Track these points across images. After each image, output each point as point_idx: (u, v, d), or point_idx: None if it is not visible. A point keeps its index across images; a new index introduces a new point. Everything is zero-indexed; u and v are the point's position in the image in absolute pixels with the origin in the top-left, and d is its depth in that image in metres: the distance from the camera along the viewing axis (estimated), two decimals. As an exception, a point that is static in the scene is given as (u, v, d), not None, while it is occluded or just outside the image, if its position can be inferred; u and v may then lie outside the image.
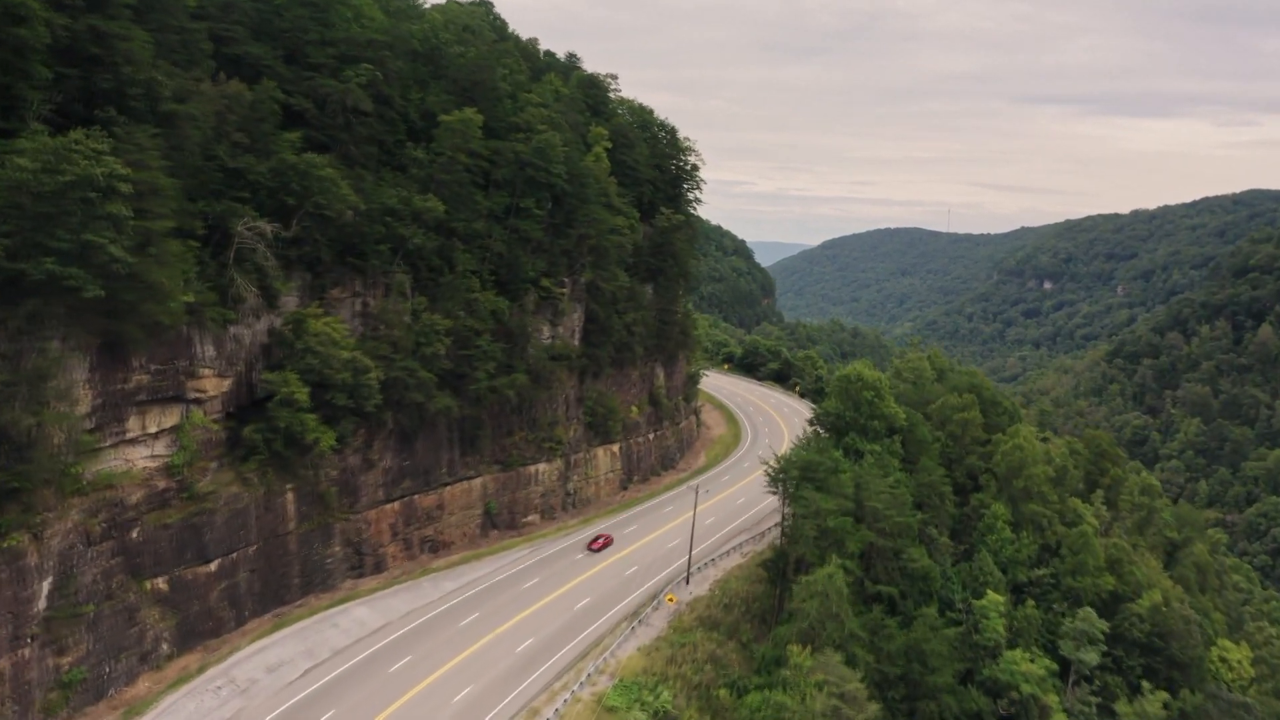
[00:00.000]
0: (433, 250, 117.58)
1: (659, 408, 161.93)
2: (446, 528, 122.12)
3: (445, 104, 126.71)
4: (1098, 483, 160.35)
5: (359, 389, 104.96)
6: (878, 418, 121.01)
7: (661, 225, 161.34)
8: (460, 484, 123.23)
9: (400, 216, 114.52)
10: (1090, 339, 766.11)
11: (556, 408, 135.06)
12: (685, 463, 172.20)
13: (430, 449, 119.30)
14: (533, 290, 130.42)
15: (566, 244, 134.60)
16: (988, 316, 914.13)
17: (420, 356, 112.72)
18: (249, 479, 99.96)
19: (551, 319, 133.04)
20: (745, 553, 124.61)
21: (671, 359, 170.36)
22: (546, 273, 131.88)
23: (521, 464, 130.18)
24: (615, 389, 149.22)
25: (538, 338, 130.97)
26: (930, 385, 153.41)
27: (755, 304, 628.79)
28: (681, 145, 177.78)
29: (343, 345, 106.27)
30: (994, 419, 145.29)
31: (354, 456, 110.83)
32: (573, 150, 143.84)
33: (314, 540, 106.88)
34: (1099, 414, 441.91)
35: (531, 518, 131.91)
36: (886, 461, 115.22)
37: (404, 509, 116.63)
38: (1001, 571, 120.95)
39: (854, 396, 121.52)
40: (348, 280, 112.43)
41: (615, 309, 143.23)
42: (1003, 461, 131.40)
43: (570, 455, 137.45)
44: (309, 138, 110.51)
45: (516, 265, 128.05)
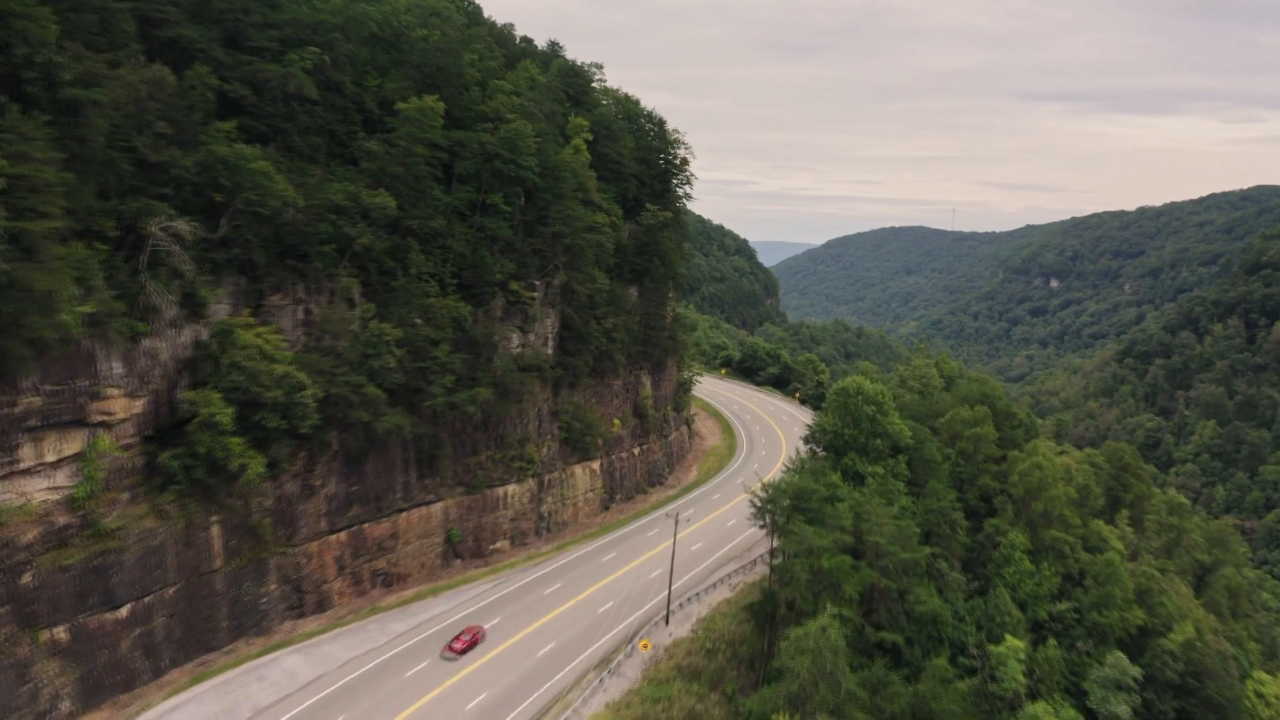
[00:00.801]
0: (384, 251, 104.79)
1: (645, 420, 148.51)
2: (402, 559, 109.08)
3: (406, 92, 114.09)
4: (1120, 499, 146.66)
5: (293, 408, 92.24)
6: (880, 435, 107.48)
7: (647, 223, 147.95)
8: (418, 510, 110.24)
9: (347, 214, 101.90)
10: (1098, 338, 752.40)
11: (528, 423, 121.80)
12: (675, 478, 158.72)
13: (382, 472, 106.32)
14: (500, 294, 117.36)
15: (538, 243, 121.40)
16: (994, 315, 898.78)
17: (368, 370, 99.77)
18: (166, 511, 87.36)
19: (521, 326, 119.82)
20: (734, 585, 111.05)
21: (659, 366, 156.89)
22: (515, 275, 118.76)
23: (488, 486, 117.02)
24: (595, 401, 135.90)
25: (506, 347, 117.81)
26: (938, 395, 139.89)
27: (758, 304, 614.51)
28: (670, 138, 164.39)
29: (278, 359, 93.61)
30: (1008, 432, 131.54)
31: (292, 483, 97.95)
32: (547, 142, 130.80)
33: (245, 578, 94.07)
34: (1110, 416, 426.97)
35: (500, 544, 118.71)
36: (890, 486, 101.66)
37: (352, 540, 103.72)
38: (1020, 609, 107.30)
39: (853, 412, 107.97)
40: (289, 285, 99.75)
41: (593, 314, 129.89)
42: (1020, 482, 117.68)
43: (544, 475, 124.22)
44: (247, 128, 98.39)
45: (482, 267, 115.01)
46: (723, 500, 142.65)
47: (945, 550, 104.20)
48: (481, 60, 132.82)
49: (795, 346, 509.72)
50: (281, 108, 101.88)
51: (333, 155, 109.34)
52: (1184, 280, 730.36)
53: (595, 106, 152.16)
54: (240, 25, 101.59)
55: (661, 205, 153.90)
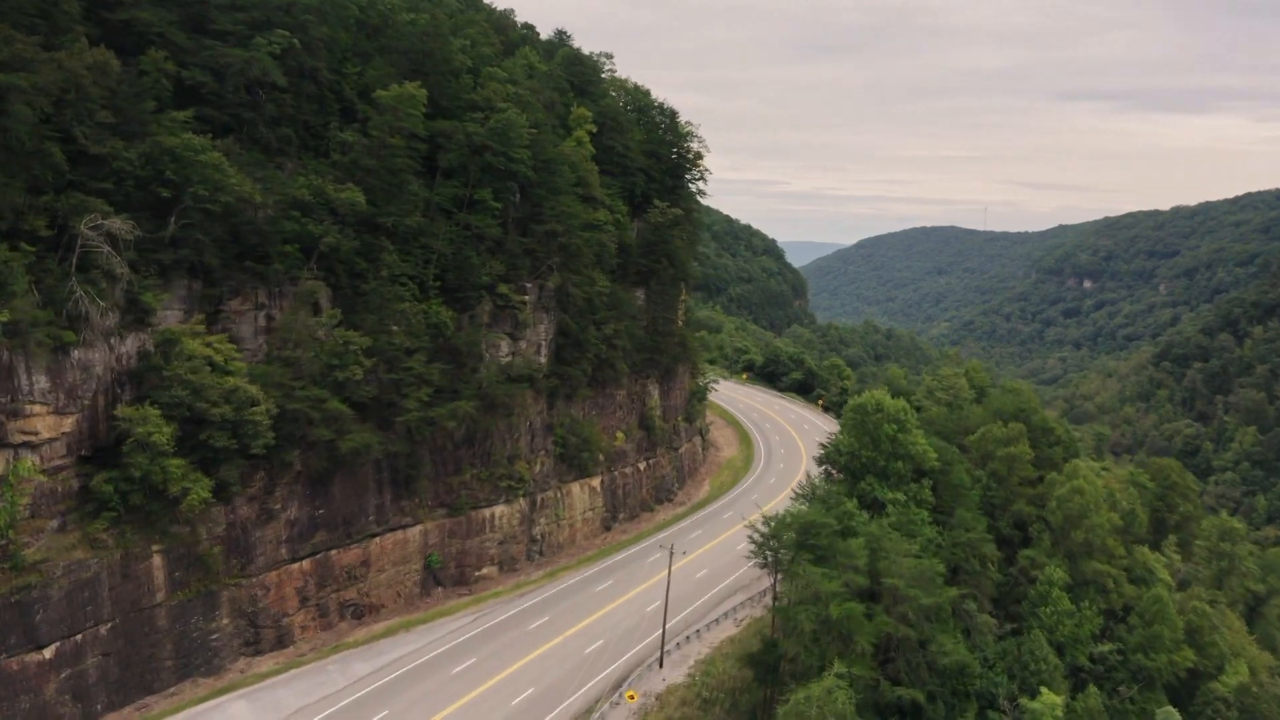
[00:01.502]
0: (354, 252, 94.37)
1: (651, 432, 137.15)
2: (375, 588, 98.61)
3: (389, 79, 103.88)
4: (1165, 521, 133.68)
5: (243, 426, 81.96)
6: (902, 457, 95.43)
7: (655, 220, 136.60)
8: (392, 535, 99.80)
9: (312, 211, 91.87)
10: (1133, 339, 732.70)
11: (518, 438, 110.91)
12: (686, 494, 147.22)
13: (352, 494, 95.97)
14: (487, 298, 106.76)
15: (530, 242, 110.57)
16: (1026, 316, 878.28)
17: (332, 383, 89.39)
18: (100, 540, 77.65)
19: (511, 332, 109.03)
20: (740, 620, 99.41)
21: (669, 374, 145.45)
22: (505, 277, 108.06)
23: (473, 507, 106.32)
24: (595, 413, 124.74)
25: (493, 355, 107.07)
26: (968, 408, 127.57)
27: (786, 305, 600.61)
28: (682, 130, 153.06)
29: (231, 370, 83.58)
30: (1045, 450, 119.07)
31: (247, 507, 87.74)
32: (545, 133, 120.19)
33: (192, 613, 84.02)
34: (1147, 422, 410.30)
35: (486, 571, 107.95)
36: (912, 517, 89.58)
37: (316, 568, 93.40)
38: (1057, 652, 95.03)
39: (872, 431, 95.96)
40: (249, 290, 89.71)
41: (592, 319, 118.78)
42: (1058, 509, 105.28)
43: (536, 494, 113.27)
44: (208, 119, 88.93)
45: (466, 268, 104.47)
46: (734, 520, 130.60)
47: (974, 588, 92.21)
48: (474, 47, 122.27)
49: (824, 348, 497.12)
50: (245, 96, 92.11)
51: (306, 148, 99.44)
52: (1220, 281, 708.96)
53: (602, 97, 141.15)
54: (203, 7, 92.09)
55: (672, 202, 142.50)
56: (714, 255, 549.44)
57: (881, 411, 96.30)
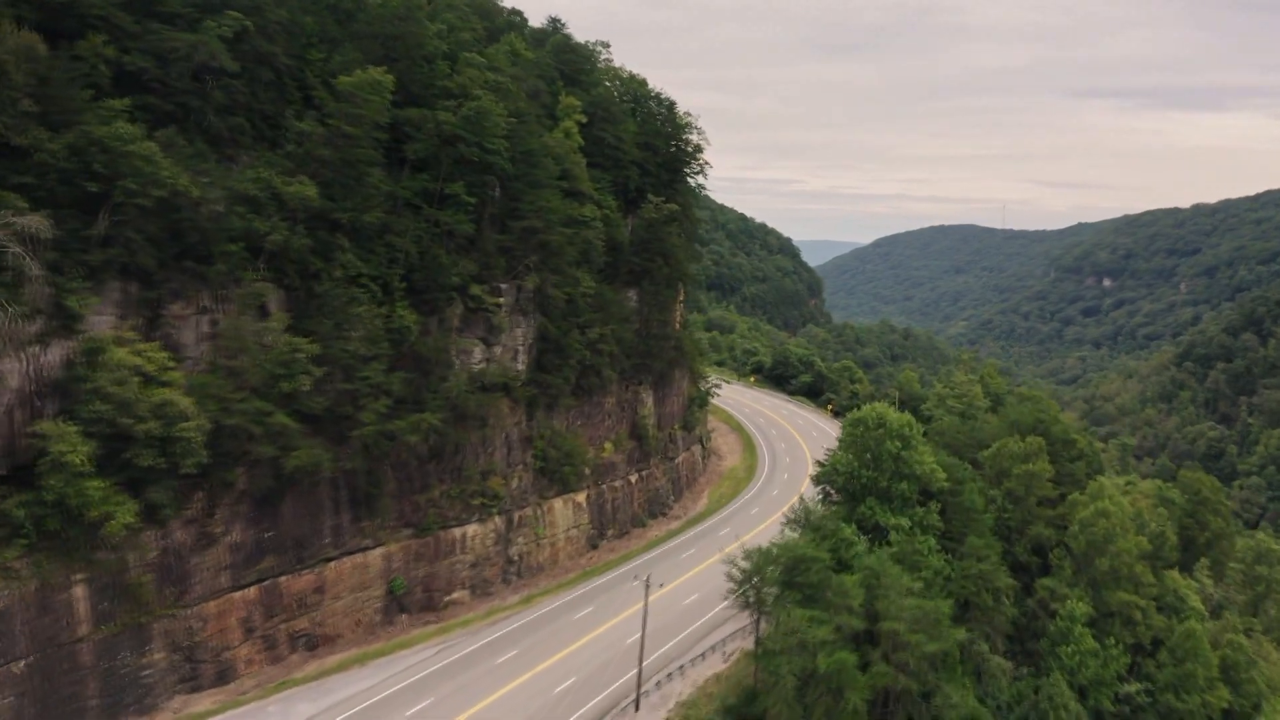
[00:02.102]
0: (307, 250, 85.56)
1: (644, 442, 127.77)
2: (330, 617, 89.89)
3: (357, 65, 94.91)
4: (1195, 539, 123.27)
5: (173, 443, 73.36)
6: (906, 478, 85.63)
7: (648, 216, 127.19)
8: (351, 558, 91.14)
9: (260, 206, 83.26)
10: (1153, 339, 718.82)
11: (493, 452, 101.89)
12: (682, 507, 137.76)
13: (304, 514, 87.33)
14: (458, 301, 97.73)
15: (507, 240, 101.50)
16: (1045, 315, 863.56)
17: (277, 395, 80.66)
18: (14, 570, 69.71)
19: (485, 337, 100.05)
20: (729, 654, 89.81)
21: (664, 380, 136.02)
22: (478, 277, 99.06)
23: (442, 527, 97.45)
24: (580, 423, 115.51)
25: (465, 363, 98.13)
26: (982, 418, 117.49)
27: (801, 305, 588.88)
28: (680, 122, 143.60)
29: (168, 382, 75.10)
30: (1066, 466, 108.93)
31: (183, 531, 79.18)
32: (530, 123, 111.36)
33: (121, 647, 75.54)
34: (1169, 424, 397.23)
35: (457, 595, 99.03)
36: (917, 546, 79.84)
37: (263, 596, 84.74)
38: (1079, 696, 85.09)
39: (872, 449, 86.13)
40: (192, 292, 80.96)
41: (575, 321, 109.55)
42: (1081, 534, 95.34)
43: (512, 512, 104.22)
44: (151, 108, 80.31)
45: (435, 268, 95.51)
46: (731, 536, 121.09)
47: (986, 626, 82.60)
48: (452, 32, 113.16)
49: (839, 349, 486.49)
50: (191, 83, 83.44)
51: (262, 139, 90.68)
52: (1241, 279, 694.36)
53: (593, 86, 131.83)
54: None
55: (668, 196, 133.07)
56: (728, 254, 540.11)
57: (884, 427, 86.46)
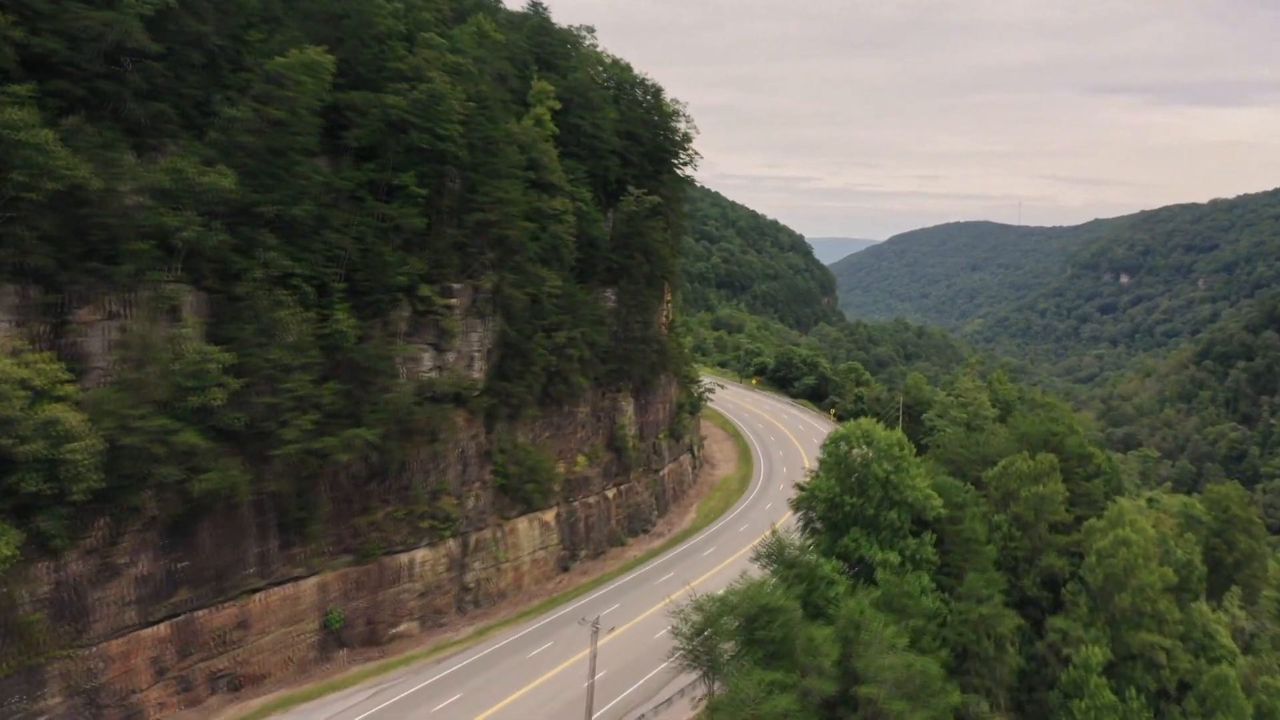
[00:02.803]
0: (227, 248, 75.17)
1: (623, 454, 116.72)
2: (256, 654, 79.31)
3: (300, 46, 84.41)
4: (1223, 561, 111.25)
5: (61, 466, 63.13)
6: (897, 505, 74.16)
7: (628, 209, 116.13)
8: (280, 589, 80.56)
9: (174, 198, 72.87)
10: (1171, 336, 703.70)
11: (445, 469, 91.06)
12: (667, 522, 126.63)
13: (225, 541, 76.75)
14: (405, 303, 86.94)
15: (461, 235, 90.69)
16: (1061, 312, 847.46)
17: (187, 409, 70.20)
18: None
19: (435, 343, 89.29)
20: (698, 699, 78.32)
21: (646, 386, 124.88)
22: (427, 276, 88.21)
23: (386, 552, 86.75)
24: (549, 435, 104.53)
25: (412, 371, 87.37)
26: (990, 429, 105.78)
27: (814, 303, 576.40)
28: (667, 109, 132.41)
29: (63, 396, 65.17)
30: (1082, 485, 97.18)
31: (81, 562, 68.75)
32: (495, 108, 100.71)
33: (11, 692, 65.36)
34: (1189, 424, 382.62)
35: (404, 627, 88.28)
36: (907, 588, 68.43)
37: (177, 633, 74.26)
38: (1097, 756, 73.61)
39: (857, 472, 74.65)
40: (99, 296, 70.73)
41: (541, 324, 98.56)
42: (1099, 566, 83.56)
43: (468, 534, 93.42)
44: (61, 92, 70.03)
45: (379, 267, 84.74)
46: (716, 557, 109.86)
47: (988, 679, 71.16)
48: (411, 11, 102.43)
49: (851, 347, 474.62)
50: (105, 66, 73.11)
51: (192, 127, 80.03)
52: (1261, 275, 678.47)
53: (571, 71, 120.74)
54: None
55: (651, 188, 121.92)
56: (739, 252, 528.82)
57: (870, 445, 74.89)
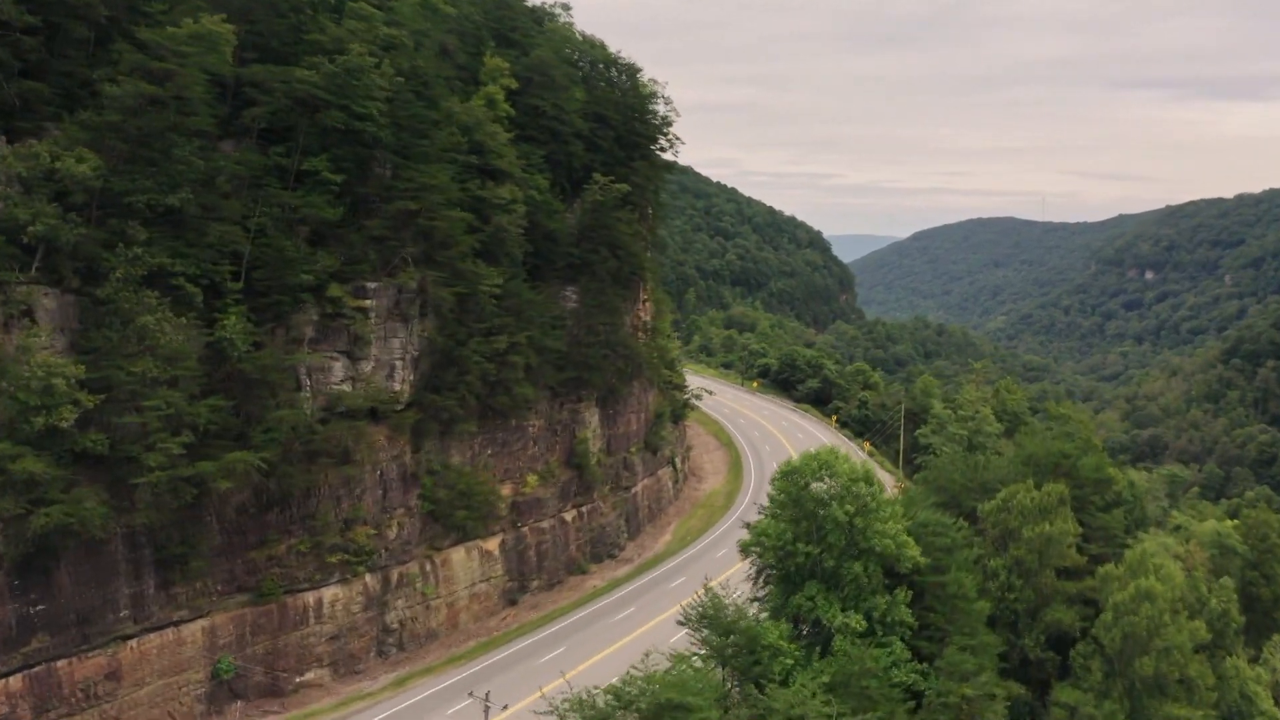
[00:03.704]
0: (94, 243, 63.54)
1: (585, 471, 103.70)
2: (131, 709, 67.09)
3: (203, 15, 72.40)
4: (1259, 598, 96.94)
5: None
6: (864, 555, 60.37)
7: (591, 199, 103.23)
8: (159, 634, 68.34)
9: (28, 187, 61.50)
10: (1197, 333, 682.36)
11: (360, 495, 78.51)
12: (638, 545, 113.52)
13: (90, 581, 64.68)
14: (312, 305, 74.52)
15: (380, 227, 78.21)
16: (1085, 309, 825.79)
17: (30, 432, 58.49)
18: None
19: (348, 350, 76.78)
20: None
21: (614, 395, 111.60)
22: (340, 274, 75.77)
23: (288, 591, 74.37)
24: (491, 453, 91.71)
25: (320, 383, 74.89)
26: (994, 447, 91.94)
27: (832, 300, 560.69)
28: (644, 90, 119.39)
29: None
30: (1096, 516, 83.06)
31: (-110, 614, 56.84)
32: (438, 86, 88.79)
33: None
34: (1217, 426, 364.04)
35: (312, 675, 75.84)
36: (871, 665, 54.64)
37: (33, 686, 62.14)
38: None
39: (812, 515, 60.64)
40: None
41: (478, 328, 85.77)
42: (1116, 625, 69.31)
43: (389, 568, 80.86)
44: None
45: (281, 264, 72.47)
46: (685, 589, 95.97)
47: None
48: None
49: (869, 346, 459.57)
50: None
51: (79, 108, 68.23)
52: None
53: (533, 48, 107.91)
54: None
55: (624, 176, 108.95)
56: (754, 248, 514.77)
57: (829, 478, 60.96)
